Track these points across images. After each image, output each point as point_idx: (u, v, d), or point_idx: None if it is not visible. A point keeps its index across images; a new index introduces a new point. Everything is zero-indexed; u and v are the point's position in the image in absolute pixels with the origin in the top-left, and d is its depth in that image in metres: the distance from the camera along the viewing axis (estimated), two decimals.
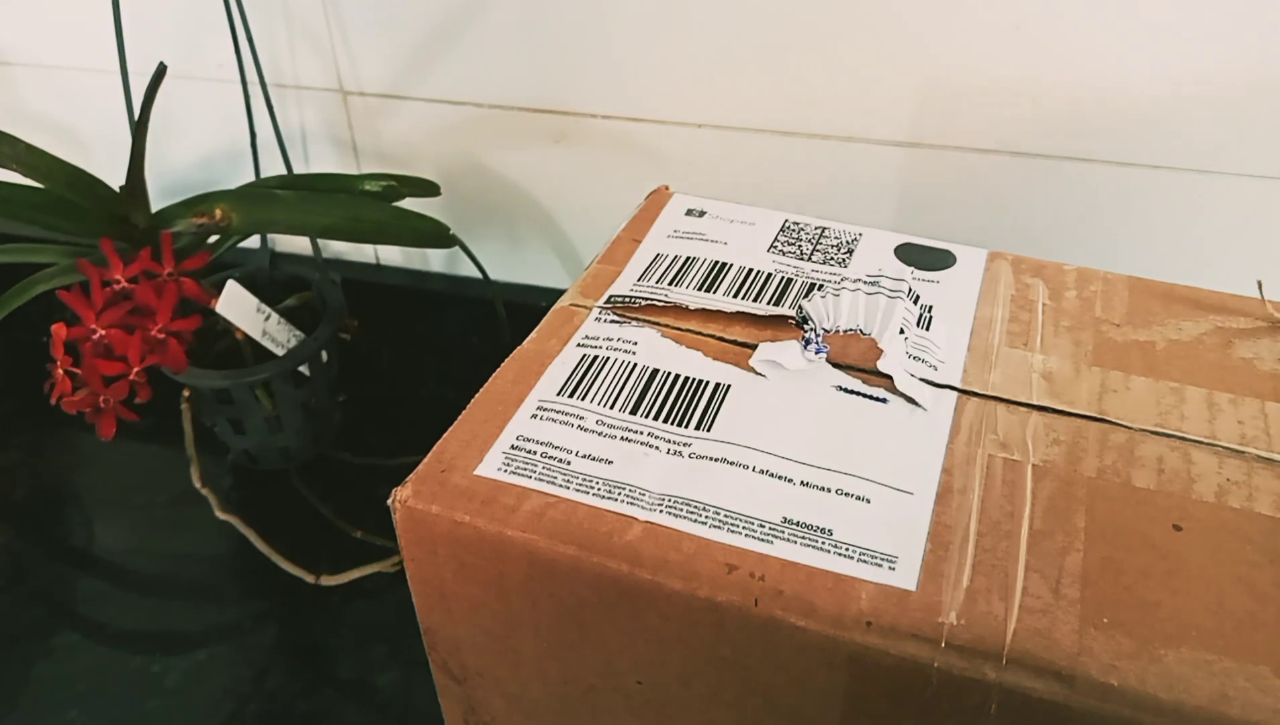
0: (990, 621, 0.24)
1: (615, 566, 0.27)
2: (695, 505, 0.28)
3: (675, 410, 0.31)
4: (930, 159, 0.51)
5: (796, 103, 0.52)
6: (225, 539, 0.55)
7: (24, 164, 0.48)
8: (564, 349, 0.33)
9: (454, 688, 0.34)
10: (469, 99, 0.58)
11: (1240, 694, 0.23)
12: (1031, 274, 0.37)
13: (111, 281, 0.47)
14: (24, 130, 0.50)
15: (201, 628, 0.51)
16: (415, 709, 0.47)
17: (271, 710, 0.47)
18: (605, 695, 0.30)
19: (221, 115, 0.63)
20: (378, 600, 0.52)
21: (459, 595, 0.30)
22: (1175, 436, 0.30)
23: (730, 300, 0.35)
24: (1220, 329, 0.34)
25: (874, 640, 0.25)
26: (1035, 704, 0.24)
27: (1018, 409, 0.31)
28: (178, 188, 0.67)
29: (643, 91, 0.54)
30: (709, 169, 0.56)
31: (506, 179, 0.60)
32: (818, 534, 0.27)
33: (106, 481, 0.61)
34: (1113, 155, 0.48)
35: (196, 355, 0.50)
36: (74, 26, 0.63)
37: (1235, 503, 0.27)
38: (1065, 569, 0.26)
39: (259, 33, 0.58)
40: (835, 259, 0.37)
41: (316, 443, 0.59)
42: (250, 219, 0.51)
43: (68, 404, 0.46)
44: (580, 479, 0.29)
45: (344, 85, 0.60)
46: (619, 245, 0.39)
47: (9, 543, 0.57)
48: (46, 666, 0.50)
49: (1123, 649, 0.24)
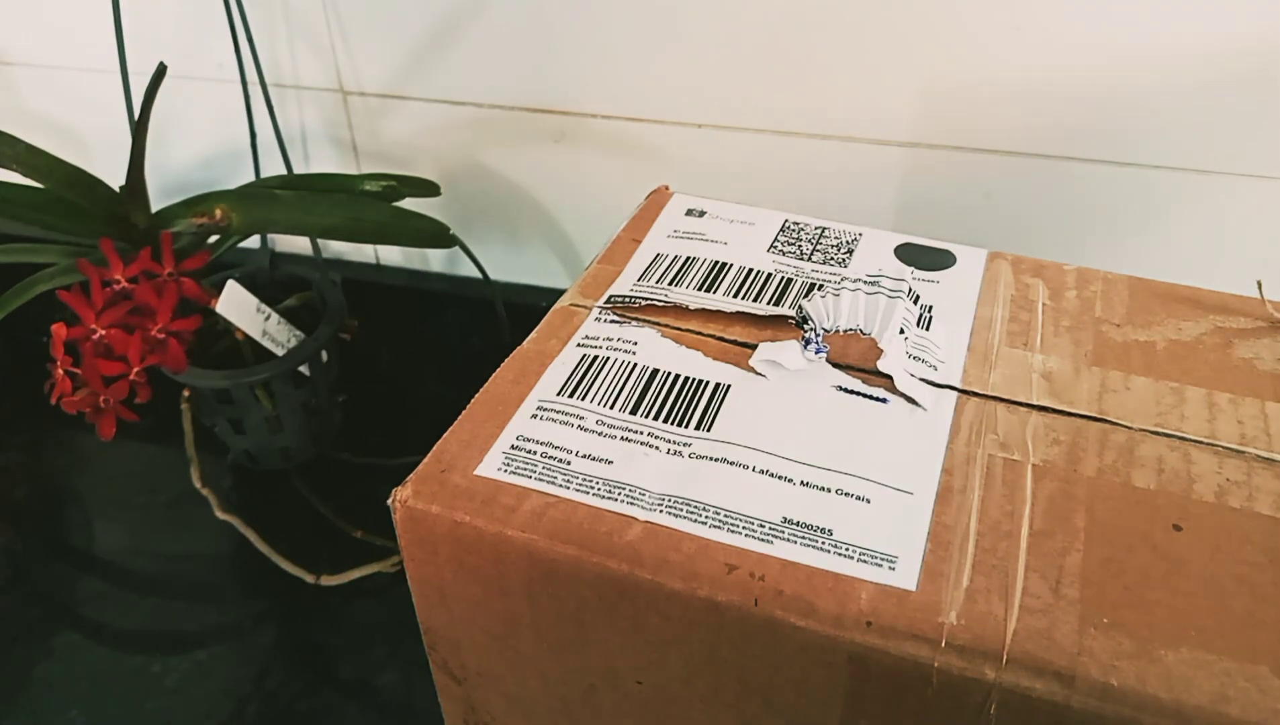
0: (990, 621, 0.24)
1: (615, 566, 0.27)
2: (695, 505, 0.28)
3: (675, 410, 0.31)
4: (930, 159, 0.51)
5: (796, 103, 0.52)
6: (225, 539, 0.55)
7: (24, 164, 0.49)
8: (564, 349, 0.33)
9: (454, 688, 0.34)
10: (469, 99, 0.58)
11: (1240, 694, 0.23)
12: (1031, 274, 0.37)
13: (111, 281, 0.47)
14: (24, 130, 0.50)
15: (201, 628, 0.51)
16: (415, 709, 0.47)
17: (271, 710, 0.47)
18: (605, 695, 0.30)
19: (221, 115, 0.63)
20: (378, 600, 0.52)
21: (459, 595, 0.30)
22: (1175, 436, 0.30)
23: (730, 300, 0.35)
24: (1220, 329, 0.34)
25: (874, 640, 0.25)
26: (1035, 704, 0.24)
27: (1018, 409, 0.31)
28: (178, 188, 0.67)
29: (643, 91, 0.54)
30: (709, 169, 0.56)
31: (506, 179, 0.60)
32: (818, 534, 0.27)
33: (106, 481, 0.61)
34: (1113, 155, 0.48)
35: (196, 355, 0.50)
36: (74, 26, 0.63)
37: (1235, 503, 0.27)
38: (1065, 569, 0.26)
39: (259, 33, 0.58)
40: (835, 259, 0.37)
41: (316, 443, 0.59)
42: (250, 219, 0.51)
43: (68, 404, 0.46)
44: (580, 479, 0.29)
45: (344, 85, 0.60)
46: (619, 245, 0.39)
47: (9, 543, 0.57)
48: (46, 666, 0.50)
49: (1123, 649, 0.24)
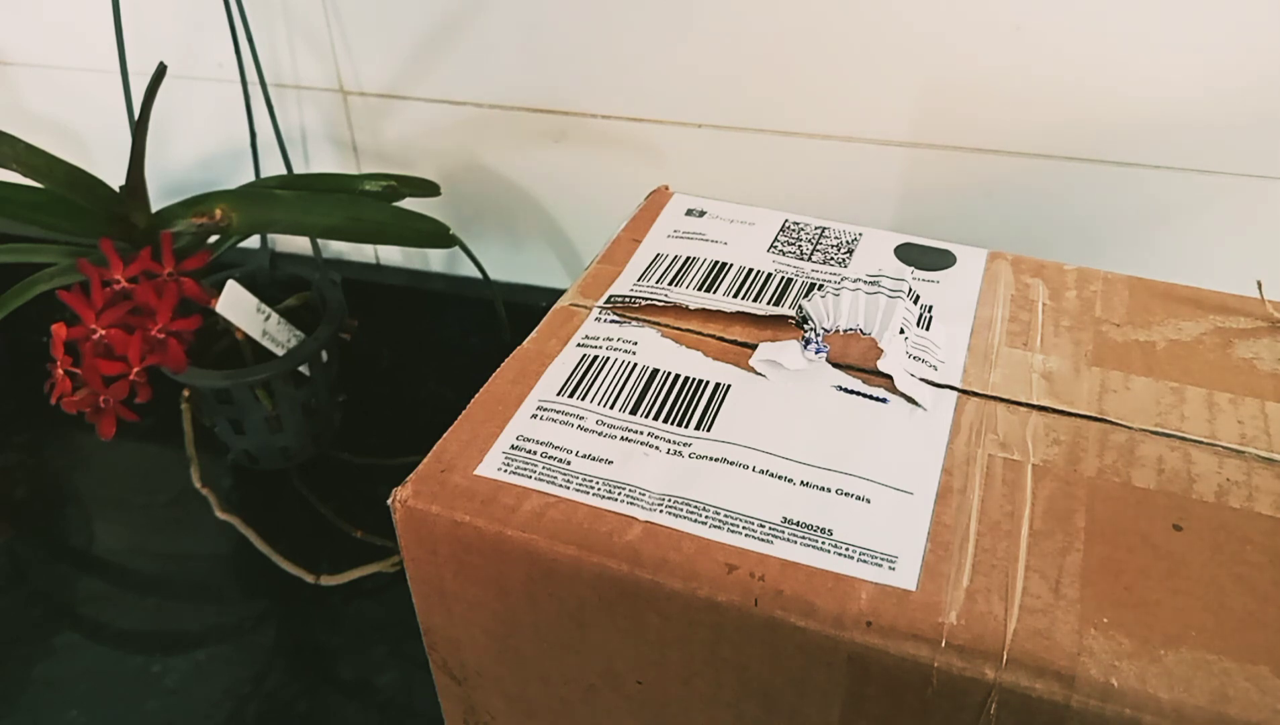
0: (990, 621, 0.24)
1: (615, 566, 0.27)
2: (695, 505, 0.28)
3: (675, 410, 0.31)
4: (930, 159, 0.51)
5: (796, 103, 0.52)
6: (225, 539, 0.55)
7: (24, 164, 0.48)
8: (564, 349, 0.33)
9: (454, 688, 0.34)
10: (469, 99, 0.58)
11: (1240, 694, 0.23)
12: (1031, 274, 0.37)
13: (111, 281, 0.47)
14: (24, 130, 0.50)
15: (201, 628, 0.51)
16: (415, 709, 0.47)
17: (271, 710, 0.47)
18: (605, 695, 0.30)
19: (221, 115, 0.63)
20: (378, 600, 0.52)
21: (459, 595, 0.30)
22: (1175, 436, 0.30)
23: (730, 300, 0.35)
24: (1220, 329, 0.34)
25: (874, 640, 0.25)
26: (1035, 704, 0.24)
27: (1018, 409, 0.31)
28: (178, 188, 0.67)
29: (643, 91, 0.54)
30: (709, 169, 0.56)
31: (506, 179, 0.60)
32: (818, 534, 0.27)
33: (106, 481, 0.61)
34: (1113, 155, 0.48)
35: (196, 355, 0.50)
36: (74, 26, 0.63)
37: (1235, 503, 0.27)
38: (1065, 569, 0.26)
39: (259, 33, 0.58)
40: (835, 259, 0.37)
41: (316, 443, 0.59)
42: (250, 219, 0.51)
43: (68, 404, 0.46)
44: (580, 479, 0.29)
45: (344, 85, 0.60)
46: (619, 245, 0.39)
47: (9, 543, 0.57)
48: (46, 666, 0.50)
49: (1123, 649, 0.24)
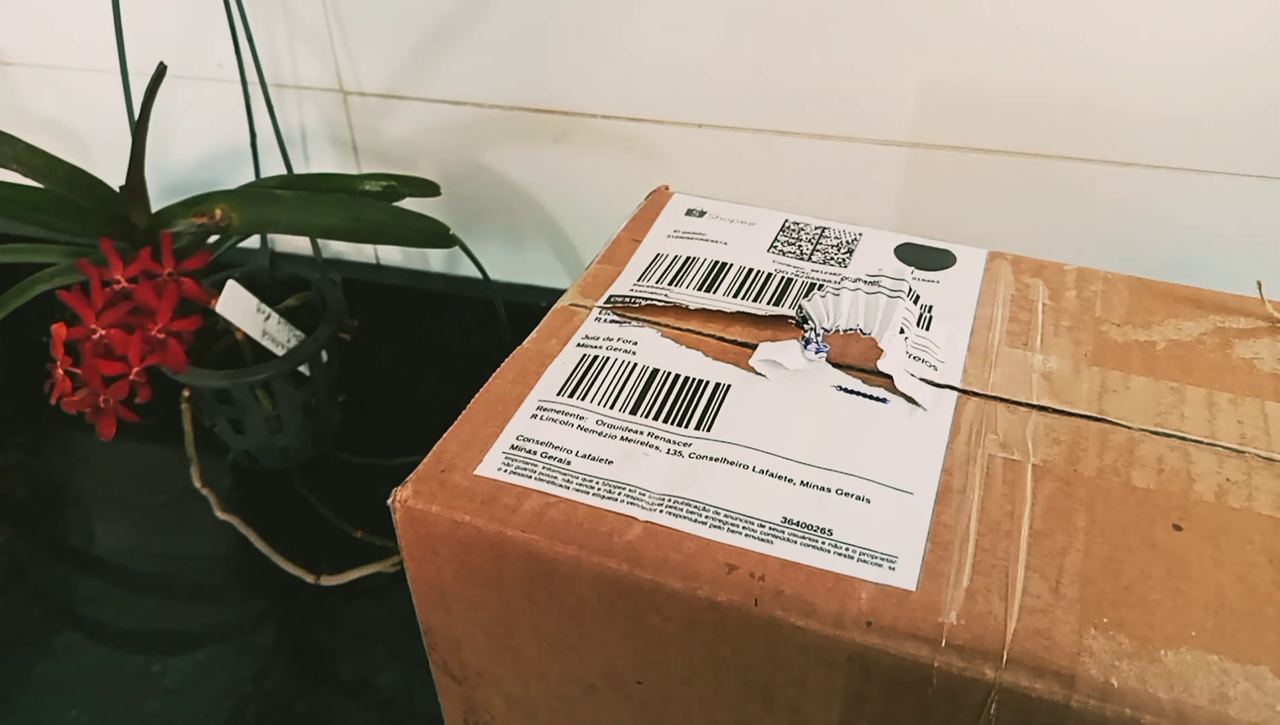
0: (990, 621, 0.24)
1: (615, 566, 0.27)
2: (695, 505, 0.28)
3: (675, 410, 0.31)
4: (930, 159, 0.51)
5: (796, 103, 0.52)
6: (225, 539, 0.55)
7: (24, 164, 0.48)
8: (564, 349, 0.33)
9: (454, 688, 0.34)
10: (469, 99, 0.58)
11: (1240, 694, 0.23)
12: (1031, 274, 0.37)
13: (111, 281, 0.47)
14: (24, 130, 0.50)
15: (201, 628, 0.51)
16: (415, 709, 0.47)
17: (271, 710, 0.47)
18: (605, 695, 0.30)
19: (221, 115, 0.63)
20: (378, 600, 0.52)
21: (459, 595, 0.30)
22: (1175, 436, 0.30)
23: (730, 300, 0.35)
24: (1220, 329, 0.34)
25: (874, 640, 0.25)
26: (1035, 704, 0.24)
27: (1018, 409, 0.31)
28: (178, 188, 0.67)
29: (643, 91, 0.54)
30: (709, 169, 0.56)
31: (506, 179, 0.60)
32: (818, 534, 0.27)
33: (106, 481, 0.61)
34: (1113, 155, 0.48)
35: (196, 355, 0.50)
36: (74, 26, 0.63)
37: (1235, 503, 0.27)
38: (1065, 569, 0.26)
39: (259, 33, 0.58)
40: (835, 259, 0.37)
41: (316, 443, 0.59)
42: (250, 219, 0.51)
43: (68, 404, 0.46)
44: (580, 479, 0.29)
45: (344, 85, 0.60)
46: (619, 245, 0.39)
47: (9, 543, 0.57)
48: (46, 666, 0.50)
49: (1123, 649, 0.24)
